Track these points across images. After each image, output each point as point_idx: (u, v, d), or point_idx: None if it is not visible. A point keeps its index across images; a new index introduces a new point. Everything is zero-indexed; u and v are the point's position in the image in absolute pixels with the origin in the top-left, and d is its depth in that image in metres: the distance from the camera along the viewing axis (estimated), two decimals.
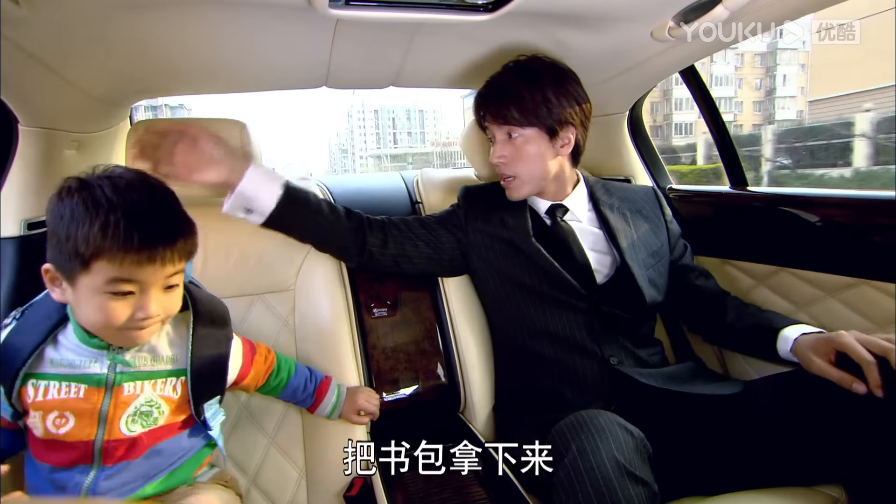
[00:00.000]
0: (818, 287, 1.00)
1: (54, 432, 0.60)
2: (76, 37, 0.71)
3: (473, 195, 1.02)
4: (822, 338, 0.71)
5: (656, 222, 0.98)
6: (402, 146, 64.75)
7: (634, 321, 0.91)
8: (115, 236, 0.54)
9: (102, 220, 0.55)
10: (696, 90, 1.18)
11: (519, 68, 0.90)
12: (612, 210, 0.96)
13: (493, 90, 0.92)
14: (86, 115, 0.93)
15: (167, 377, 0.65)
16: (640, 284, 0.88)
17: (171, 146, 0.75)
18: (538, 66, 0.90)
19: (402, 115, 67.17)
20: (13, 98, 0.75)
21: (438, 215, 1.02)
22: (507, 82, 0.90)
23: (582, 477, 0.58)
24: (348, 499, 0.85)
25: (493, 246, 0.95)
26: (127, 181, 0.59)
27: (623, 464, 0.58)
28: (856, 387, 0.63)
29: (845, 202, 0.95)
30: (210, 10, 0.73)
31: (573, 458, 0.60)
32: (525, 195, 0.94)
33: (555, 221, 0.95)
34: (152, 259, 0.57)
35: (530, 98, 0.87)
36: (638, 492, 0.57)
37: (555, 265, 0.88)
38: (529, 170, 0.91)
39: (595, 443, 0.60)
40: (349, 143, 69.10)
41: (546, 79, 0.88)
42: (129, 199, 0.57)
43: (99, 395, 0.61)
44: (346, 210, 0.93)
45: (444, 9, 0.76)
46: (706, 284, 0.97)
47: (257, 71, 1.00)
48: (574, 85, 0.90)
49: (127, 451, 0.63)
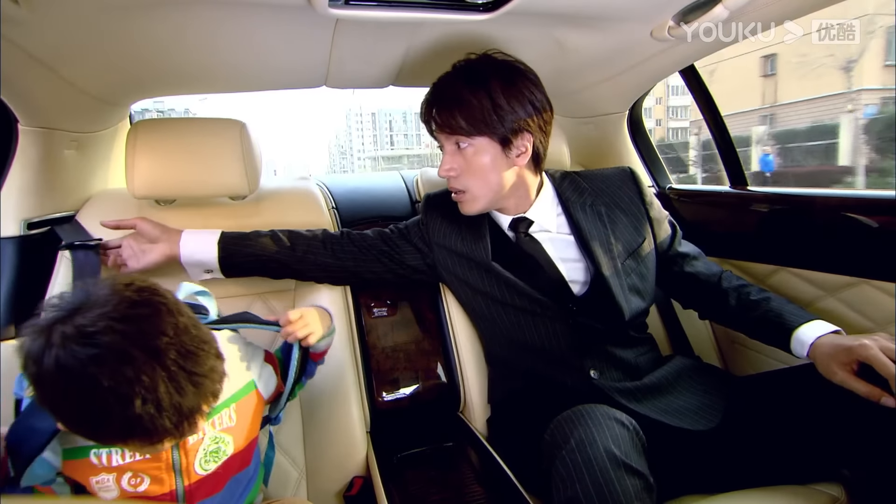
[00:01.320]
0: (818, 286, 1.00)
1: (132, 491, 0.59)
2: (76, 37, 0.71)
3: (434, 206, 0.95)
4: (842, 347, 0.66)
5: (636, 213, 0.91)
6: (399, 148, 66.48)
7: (617, 328, 0.85)
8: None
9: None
10: (696, 89, 1.18)
11: (466, 69, 0.81)
12: (583, 210, 0.89)
13: (438, 95, 0.82)
14: (85, 114, 0.93)
15: (220, 412, 0.64)
16: (618, 299, 0.83)
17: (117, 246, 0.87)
18: (486, 66, 0.80)
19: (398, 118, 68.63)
20: (13, 98, 0.75)
21: (403, 228, 0.97)
22: (452, 85, 0.81)
23: (580, 468, 0.58)
24: (348, 498, 0.85)
25: (458, 262, 0.91)
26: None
27: (619, 456, 0.58)
28: (885, 401, 0.61)
29: (845, 201, 0.95)
30: (210, 9, 0.73)
31: (571, 451, 0.60)
32: (479, 210, 0.86)
33: (518, 237, 0.89)
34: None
35: (478, 104, 0.77)
36: (634, 483, 0.57)
37: (520, 284, 0.84)
38: (481, 183, 0.82)
39: (592, 435, 0.60)
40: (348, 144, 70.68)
41: (495, 81, 0.78)
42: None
43: (167, 453, 0.59)
44: (290, 239, 0.91)
45: (443, 8, 0.76)
46: (699, 268, 0.91)
47: (257, 70, 1.00)
48: (529, 86, 0.80)
49: (210, 488, 0.63)
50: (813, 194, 1.02)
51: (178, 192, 0.92)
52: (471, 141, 0.80)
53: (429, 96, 0.85)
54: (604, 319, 0.84)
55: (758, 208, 1.09)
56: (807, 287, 1.02)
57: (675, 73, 1.13)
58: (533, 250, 0.88)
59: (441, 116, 0.81)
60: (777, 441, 0.71)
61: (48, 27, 0.65)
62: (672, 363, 0.88)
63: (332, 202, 1.16)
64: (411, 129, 67.75)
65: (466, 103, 0.78)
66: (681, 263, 0.93)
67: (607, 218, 0.89)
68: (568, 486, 0.58)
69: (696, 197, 1.25)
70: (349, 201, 1.20)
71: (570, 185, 0.92)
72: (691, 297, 0.94)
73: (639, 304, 0.86)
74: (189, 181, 0.91)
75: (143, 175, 0.88)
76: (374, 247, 0.93)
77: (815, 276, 1.00)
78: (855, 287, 0.94)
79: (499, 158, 0.81)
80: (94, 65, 0.81)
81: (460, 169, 0.83)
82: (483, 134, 0.79)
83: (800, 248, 1.02)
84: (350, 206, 1.18)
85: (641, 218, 0.91)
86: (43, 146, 0.83)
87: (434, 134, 0.86)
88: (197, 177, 0.91)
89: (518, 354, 0.89)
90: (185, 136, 0.91)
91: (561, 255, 0.87)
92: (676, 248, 0.94)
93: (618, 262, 0.86)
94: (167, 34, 0.78)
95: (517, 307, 0.86)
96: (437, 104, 0.82)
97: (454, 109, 0.79)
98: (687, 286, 0.92)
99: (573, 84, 1.17)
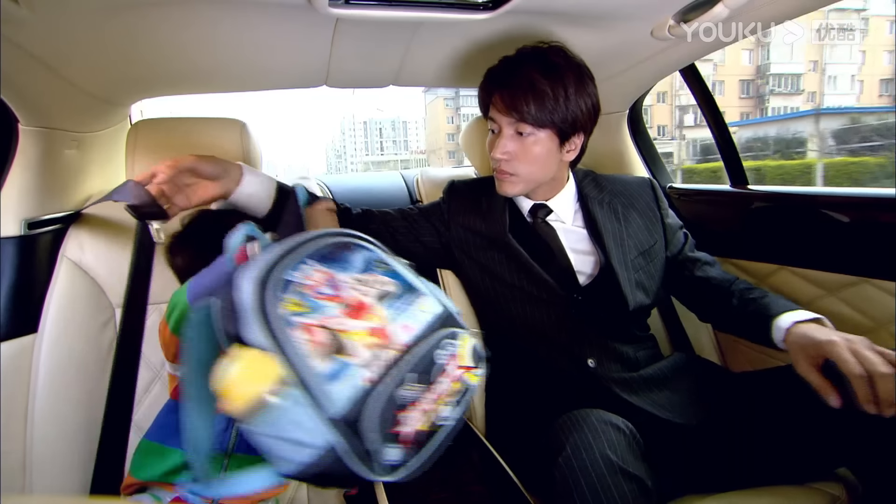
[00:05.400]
0: (818, 286, 1.00)
1: None
2: (76, 37, 0.71)
3: (458, 190, 1.00)
4: (813, 340, 0.66)
5: (651, 217, 0.93)
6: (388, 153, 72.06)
7: (619, 322, 0.87)
8: None
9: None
10: (697, 89, 1.18)
11: (541, 59, 0.80)
12: (601, 206, 0.91)
13: (510, 77, 0.81)
14: (86, 114, 0.93)
15: None
16: (624, 289, 0.84)
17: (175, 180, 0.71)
18: (563, 60, 0.80)
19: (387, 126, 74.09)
20: (13, 98, 0.74)
21: (424, 207, 1.00)
22: (527, 72, 0.79)
23: (576, 475, 0.58)
24: (348, 498, 0.85)
25: (473, 241, 0.94)
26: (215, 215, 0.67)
27: (616, 462, 0.58)
28: (831, 399, 0.60)
29: (846, 201, 0.95)
30: (210, 9, 0.73)
31: (567, 458, 0.60)
32: (517, 193, 0.88)
33: (535, 221, 0.92)
34: None
35: (552, 95, 0.77)
36: (631, 488, 0.58)
37: (531, 263, 0.86)
38: (532, 171, 0.84)
39: (588, 441, 0.60)
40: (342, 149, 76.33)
41: (570, 76, 0.79)
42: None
43: None
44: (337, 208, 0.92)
45: (444, 7, 0.76)
46: (711, 273, 0.91)
47: (257, 70, 1.00)
48: (593, 87, 0.83)
49: None
50: (814, 193, 1.02)
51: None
52: (535, 131, 0.81)
53: (497, 75, 0.83)
54: (607, 308, 0.85)
55: (758, 207, 1.09)
56: (807, 286, 1.02)
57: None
58: (547, 235, 0.90)
59: (511, 100, 0.80)
60: (777, 440, 0.71)
61: (48, 27, 0.65)
62: (671, 358, 0.89)
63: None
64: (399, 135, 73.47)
65: (541, 93, 0.78)
66: (691, 268, 0.92)
67: (622, 216, 0.91)
68: (566, 493, 0.58)
69: (696, 196, 1.24)
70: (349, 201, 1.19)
71: (590, 182, 0.96)
72: (699, 301, 0.92)
73: (643, 300, 0.87)
74: None
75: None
76: (392, 221, 0.96)
77: (815, 276, 1.00)
78: (855, 286, 0.94)
79: (553, 152, 0.83)
80: (95, 65, 0.81)
81: (515, 154, 0.83)
82: (548, 127, 0.80)
83: (800, 248, 1.02)
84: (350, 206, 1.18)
85: (656, 222, 0.93)
86: (43, 146, 0.83)
87: (490, 115, 0.85)
88: None
89: (518, 339, 0.90)
90: (186, 136, 0.91)
91: (572, 245, 0.90)
92: (687, 253, 0.94)
93: (628, 257, 0.88)
94: (168, 34, 0.78)
95: (524, 291, 0.87)
96: (508, 87, 0.81)
97: (528, 95, 0.78)
98: (697, 290, 0.91)
99: None
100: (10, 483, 0.75)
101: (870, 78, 22.13)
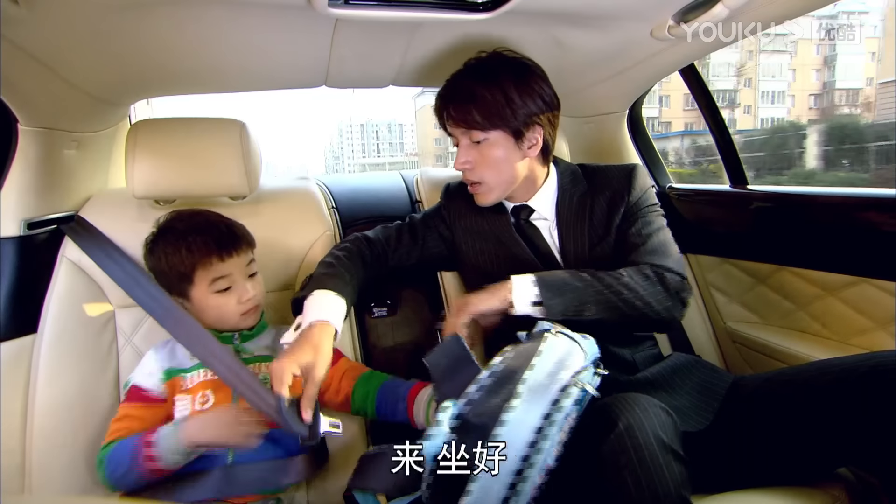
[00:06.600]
0: (818, 286, 1.00)
1: (199, 409, 0.76)
2: (76, 37, 0.71)
3: (456, 192, 1.01)
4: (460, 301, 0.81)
5: (618, 201, 0.89)
6: (384, 155, 74.26)
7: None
8: (199, 249, 0.77)
9: (187, 243, 0.77)
10: (697, 89, 1.18)
11: (478, 66, 0.85)
12: (571, 200, 0.91)
13: (452, 91, 0.86)
14: (85, 114, 0.93)
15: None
16: None
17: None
18: (499, 63, 0.84)
19: (384, 128, 75.87)
20: (13, 98, 0.75)
21: (425, 216, 1.01)
22: (466, 82, 0.85)
23: (629, 453, 0.57)
24: (348, 498, 0.85)
25: (476, 240, 0.95)
26: (188, 214, 0.83)
27: (667, 442, 0.58)
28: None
29: (846, 200, 0.95)
30: (209, 9, 0.73)
31: (620, 434, 0.59)
32: (494, 201, 0.90)
33: (519, 223, 0.93)
34: (230, 253, 0.79)
35: (491, 99, 0.81)
36: (680, 470, 0.58)
37: (532, 257, 0.89)
38: (496, 174, 0.86)
39: (640, 421, 0.59)
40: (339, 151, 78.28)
41: (507, 77, 0.82)
42: (196, 224, 0.80)
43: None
44: (359, 258, 0.90)
45: (443, 8, 0.76)
46: (629, 260, 0.84)
47: (257, 70, 1.00)
48: (539, 81, 0.85)
49: None
50: (813, 193, 1.02)
51: (177, 192, 0.93)
52: (486, 134, 0.84)
53: (442, 93, 0.88)
54: None
55: (758, 207, 1.09)
56: (807, 286, 1.02)
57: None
58: (532, 236, 0.92)
59: (456, 112, 0.85)
60: (777, 441, 0.70)
61: (48, 27, 0.65)
62: (669, 360, 0.88)
63: (332, 202, 1.16)
64: (395, 137, 75.46)
65: (481, 98, 0.82)
66: (620, 249, 0.87)
67: (589, 208, 0.90)
68: (618, 470, 0.57)
69: (695, 196, 1.24)
70: (349, 201, 1.20)
71: (569, 177, 0.95)
72: None
73: None
74: (189, 181, 0.91)
75: (143, 175, 0.88)
76: (403, 244, 0.96)
77: (815, 276, 1.00)
78: (855, 285, 0.94)
79: (512, 151, 0.85)
80: (95, 65, 0.81)
81: (475, 162, 0.86)
82: (497, 127, 0.83)
83: (800, 248, 1.02)
84: (350, 206, 1.18)
85: (621, 204, 0.89)
86: (43, 146, 0.83)
87: (448, 129, 0.89)
88: (197, 177, 0.91)
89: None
90: (185, 136, 0.91)
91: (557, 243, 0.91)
92: (632, 237, 0.87)
93: (585, 250, 0.88)
94: (167, 34, 0.78)
95: None
96: (451, 101, 0.86)
97: (469, 104, 0.83)
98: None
99: (573, 83, 1.17)
100: (9, 483, 0.75)
101: (800, 93, 25.49)
